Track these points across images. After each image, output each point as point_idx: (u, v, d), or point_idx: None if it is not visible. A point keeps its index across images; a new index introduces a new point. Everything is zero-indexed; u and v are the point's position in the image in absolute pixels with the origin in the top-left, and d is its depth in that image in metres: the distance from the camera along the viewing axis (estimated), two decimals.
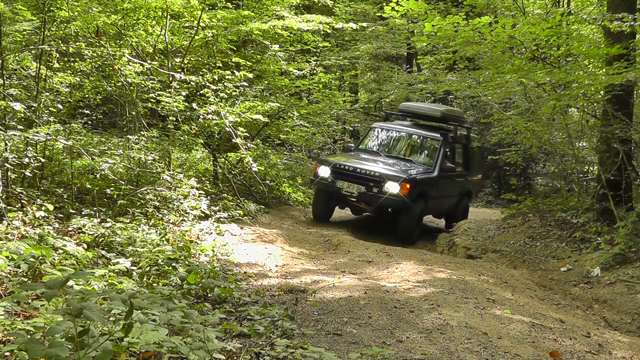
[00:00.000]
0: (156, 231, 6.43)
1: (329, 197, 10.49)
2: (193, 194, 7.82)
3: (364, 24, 13.76)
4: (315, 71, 14.65)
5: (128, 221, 6.67)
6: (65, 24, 8.65)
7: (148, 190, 7.62)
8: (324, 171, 10.23)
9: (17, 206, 6.20)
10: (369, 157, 10.85)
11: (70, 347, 2.71)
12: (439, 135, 11.15)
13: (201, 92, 8.97)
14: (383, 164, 10.40)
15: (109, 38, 9.43)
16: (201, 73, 9.40)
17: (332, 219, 10.95)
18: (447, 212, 11.83)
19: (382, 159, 10.70)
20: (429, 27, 8.53)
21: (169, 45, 9.32)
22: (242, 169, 10.75)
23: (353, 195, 9.94)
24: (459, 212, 12.09)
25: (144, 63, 8.33)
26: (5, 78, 7.72)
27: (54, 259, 4.72)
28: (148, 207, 7.33)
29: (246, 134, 9.42)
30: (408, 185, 9.73)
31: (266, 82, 12.07)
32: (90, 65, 9.05)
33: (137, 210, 7.23)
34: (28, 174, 6.69)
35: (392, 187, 9.68)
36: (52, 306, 3.65)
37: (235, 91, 9.55)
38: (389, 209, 9.86)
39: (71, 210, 6.79)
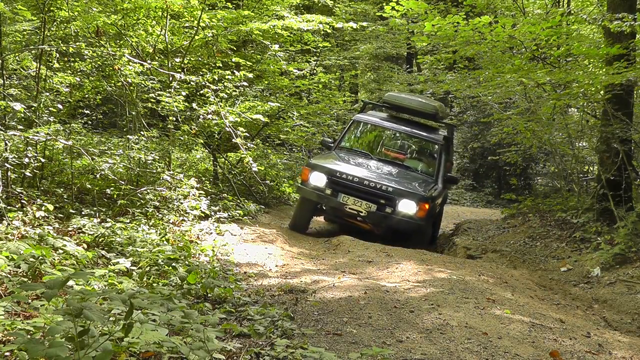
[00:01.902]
0: (156, 231, 6.43)
1: (315, 208, 8.91)
2: (193, 194, 7.82)
3: (364, 24, 13.75)
4: (315, 71, 14.64)
5: (128, 221, 6.67)
6: (65, 24, 8.65)
7: (148, 190, 7.62)
8: (318, 179, 8.48)
9: (17, 206, 6.20)
10: (363, 161, 9.06)
11: (70, 347, 2.71)
12: (441, 139, 9.51)
13: (201, 92, 8.97)
14: (384, 173, 8.73)
15: (109, 38, 9.43)
16: (201, 73, 9.39)
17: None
18: None
19: (378, 164, 9.03)
20: (429, 27, 8.54)
21: (169, 45, 9.33)
22: (242, 169, 10.74)
23: (361, 214, 8.27)
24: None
25: (144, 63, 8.33)
26: (5, 78, 7.72)
27: (54, 259, 4.72)
28: (148, 207, 7.33)
29: (246, 134, 9.41)
30: (427, 206, 8.12)
31: (266, 82, 12.07)
32: (90, 65, 9.05)
33: (137, 210, 7.24)
34: (28, 174, 6.70)
35: (407, 207, 8.10)
36: (52, 306, 3.64)
37: (235, 91, 9.55)
38: (400, 232, 8.29)
39: (71, 210, 6.79)
